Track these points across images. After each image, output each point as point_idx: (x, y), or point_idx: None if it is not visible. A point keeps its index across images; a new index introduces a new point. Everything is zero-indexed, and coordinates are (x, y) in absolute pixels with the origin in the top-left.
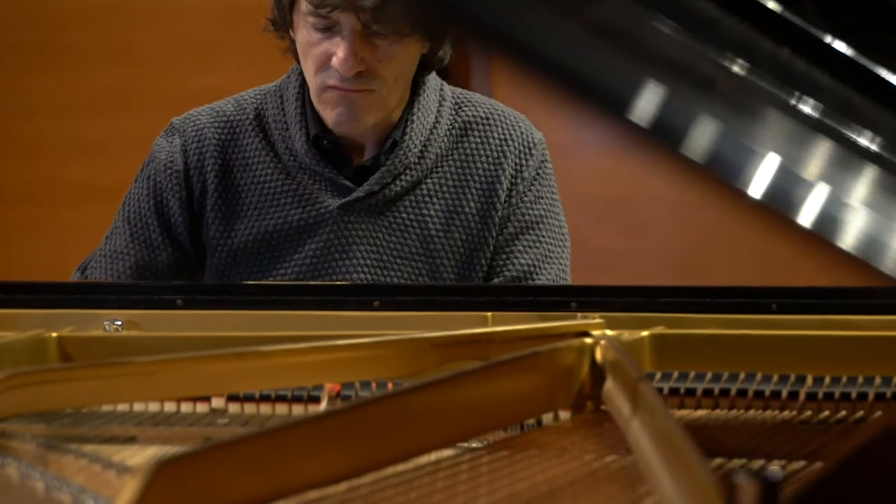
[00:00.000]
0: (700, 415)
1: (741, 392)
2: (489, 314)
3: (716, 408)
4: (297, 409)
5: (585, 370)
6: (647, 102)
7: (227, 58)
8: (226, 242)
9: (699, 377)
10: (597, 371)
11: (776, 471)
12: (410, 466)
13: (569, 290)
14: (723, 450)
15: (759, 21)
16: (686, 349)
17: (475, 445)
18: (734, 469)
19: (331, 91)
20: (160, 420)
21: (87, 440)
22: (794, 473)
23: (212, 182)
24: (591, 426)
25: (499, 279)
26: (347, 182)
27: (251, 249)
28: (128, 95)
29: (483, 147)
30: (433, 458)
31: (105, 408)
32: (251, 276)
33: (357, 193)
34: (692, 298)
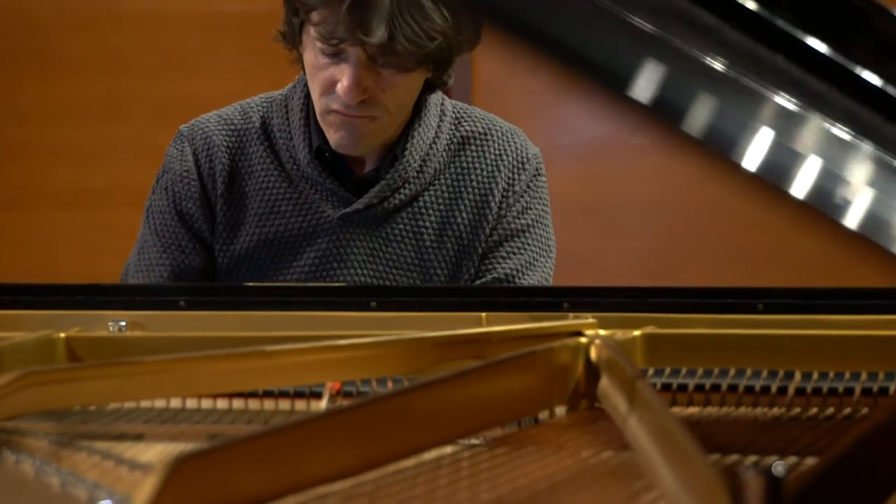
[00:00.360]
0: (692, 412)
1: (732, 388)
2: (483, 314)
3: (707, 405)
4: (300, 405)
5: (580, 369)
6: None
7: (213, 66)
8: (229, 248)
9: (690, 374)
10: (591, 369)
11: (780, 465)
12: (413, 463)
13: (561, 291)
14: (717, 446)
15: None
16: (677, 348)
17: (475, 442)
18: (736, 464)
19: (334, 114)
20: (167, 417)
21: (98, 437)
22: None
23: (220, 187)
24: (587, 423)
25: (481, 282)
26: (348, 193)
27: (252, 255)
28: (116, 102)
29: (478, 162)
30: (435, 455)
31: (112, 406)
32: (252, 282)
33: (356, 206)
34: (681, 299)
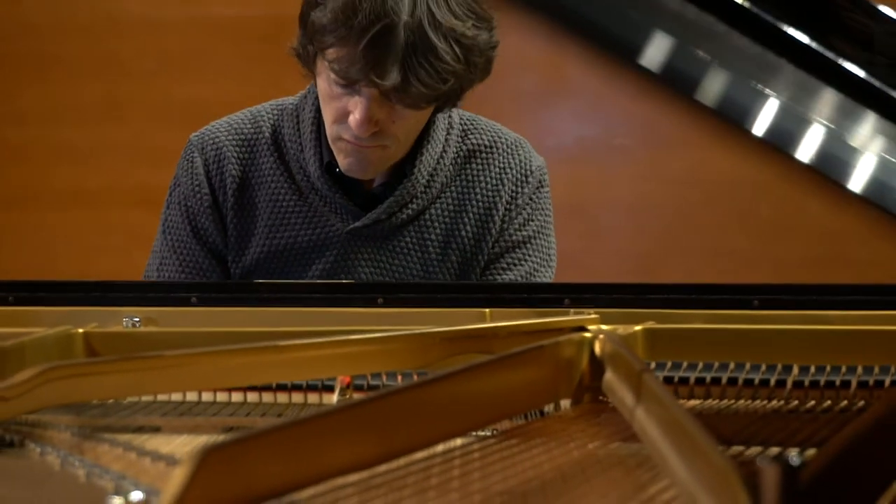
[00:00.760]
0: (693, 404)
1: (731, 381)
2: (487, 310)
3: (707, 397)
4: (312, 398)
5: (585, 362)
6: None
7: (208, 69)
8: (240, 259)
9: (691, 368)
10: (595, 363)
11: (795, 456)
12: (426, 455)
13: (561, 288)
14: (720, 438)
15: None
16: (676, 343)
17: (485, 434)
18: (739, 455)
19: (344, 142)
20: (184, 410)
21: (119, 430)
22: None
23: (230, 199)
24: (592, 415)
25: None
26: (356, 208)
27: (262, 266)
28: (113, 104)
29: (483, 175)
30: (447, 448)
31: (129, 399)
32: None
33: (365, 220)
34: (679, 295)
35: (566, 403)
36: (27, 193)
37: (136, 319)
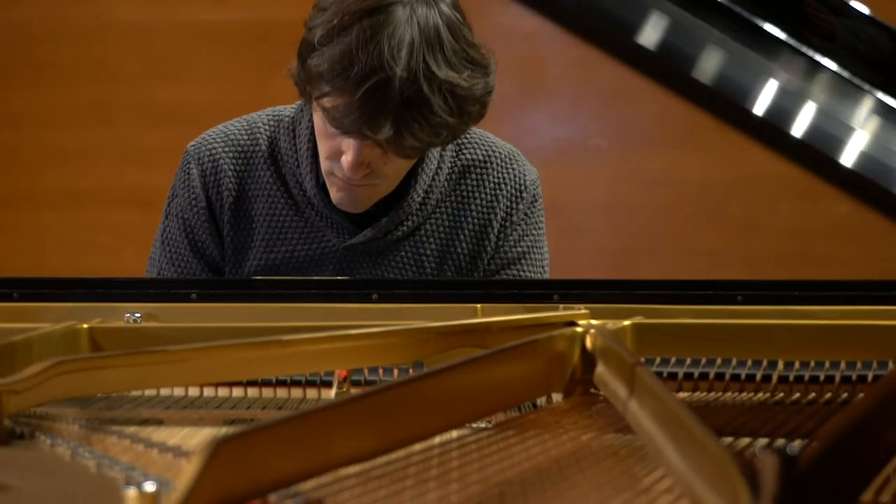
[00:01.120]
0: (682, 397)
1: (719, 376)
2: (478, 306)
3: (695, 390)
4: (311, 393)
5: (577, 356)
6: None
7: (195, 73)
8: (237, 272)
9: (679, 362)
10: (587, 357)
11: (793, 445)
12: (425, 446)
13: (551, 284)
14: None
15: None
16: (665, 337)
17: (481, 426)
18: (732, 446)
19: (336, 178)
20: (186, 404)
21: (125, 423)
22: None
23: (227, 212)
24: (584, 408)
25: None
26: (352, 224)
27: None
28: (103, 107)
29: (478, 190)
30: (445, 439)
31: (133, 393)
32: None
33: (360, 238)
34: (665, 291)
35: (558, 396)
36: (20, 194)
37: (138, 315)
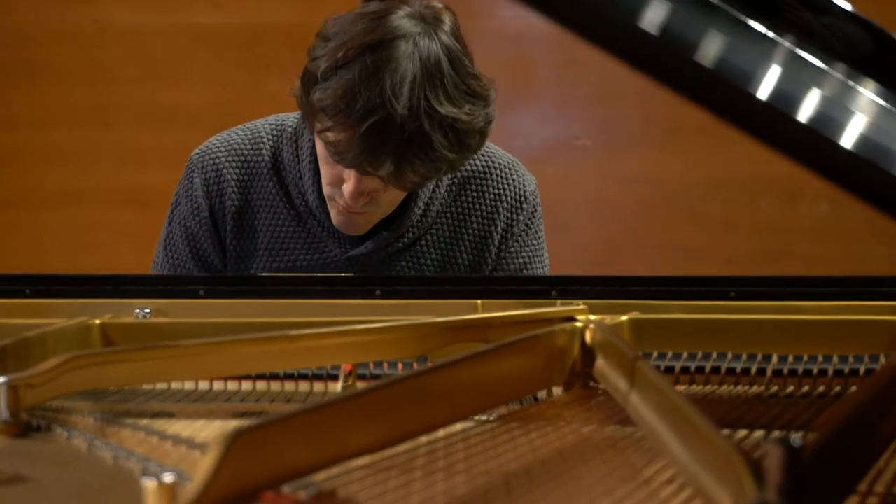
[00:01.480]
0: (679, 390)
1: (715, 370)
2: (479, 301)
3: (692, 384)
4: (318, 386)
5: (577, 350)
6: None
7: (191, 75)
8: None
9: (676, 356)
10: (586, 351)
11: (797, 437)
12: (431, 439)
13: (549, 280)
14: None
15: None
16: (661, 332)
17: (485, 419)
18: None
19: (336, 202)
20: (196, 397)
21: (138, 415)
22: None
23: (230, 222)
24: (584, 401)
25: None
26: (354, 235)
27: None
28: (100, 109)
29: (478, 202)
30: (449, 432)
31: (145, 387)
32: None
33: (361, 249)
34: (660, 287)
35: (558, 390)
36: (20, 194)
37: (147, 311)
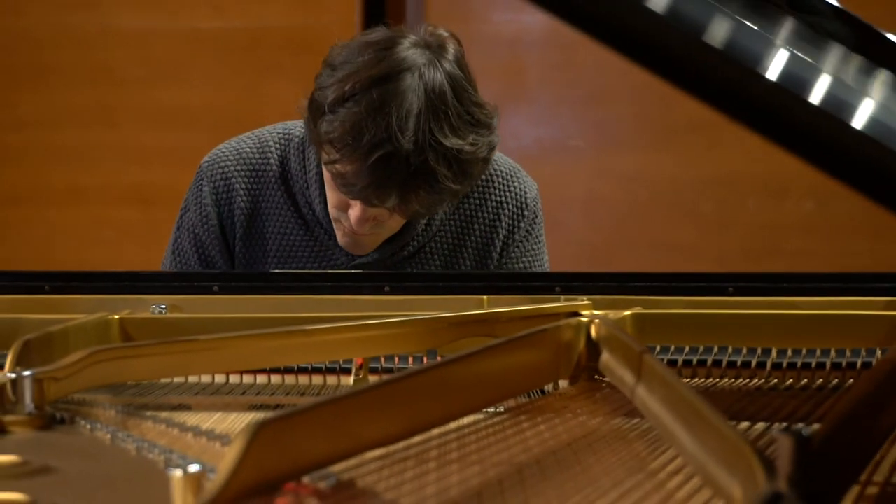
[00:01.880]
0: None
1: (716, 363)
2: (485, 297)
3: (694, 377)
4: (331, 380)
5: (582, 345)
6: None
7: (192, 77)
8: None
9: (678, 350)
10: (591, 345)
11: (807, 428)
12: (442, 431)
13: (553, 277)
14: None
15: None
16: (663, 327)
17: (495, 411)
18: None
19: (342, 224)
20: (212, 391)
21: (158, 408)
22: None
23: (239, 230)
24: (589, 393)
25: None
26: None
27: None
28: (105, 109)
29: (480, 210)
30: (460, 424)
31: (162, 381)
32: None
33: (367, 258)
34: (661, 283)
35: (564, 383)
36: (27, 192)
37: (163, 307)
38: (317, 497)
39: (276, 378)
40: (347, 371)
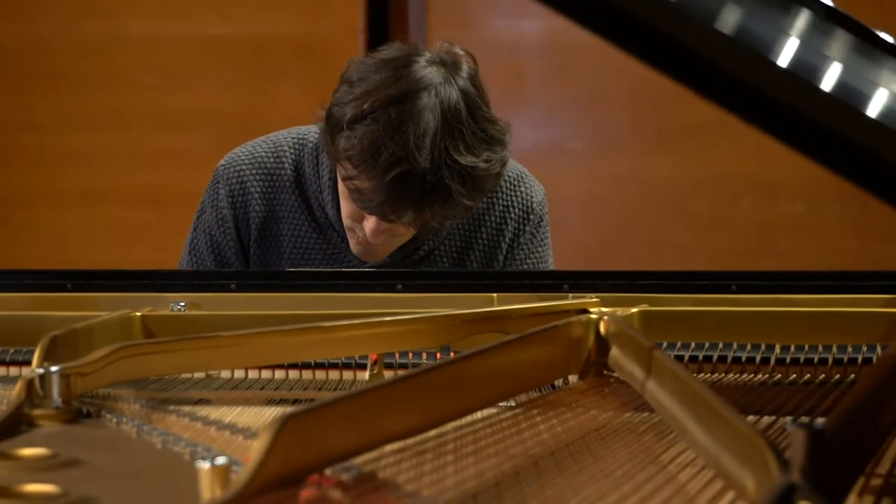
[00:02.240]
0: None
1: (721, 359)
2: (495, 295)
3: (700, 372)
4: (347, 375)
5: (592, 341)
6: None
7: (202, 82)
8: None
9: (684, 346)
10: (601, 341)
11: (819, 421)
12: (456, 425)
13: (561, 275)
14: None
15: None
16: (669, 323)
17: (508, 405)
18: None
19: (356, 233)
20: (232, 386)
21: (181, 403)
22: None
23: (254, 233)
24: (598, 388)
25: None
26: None
27: None
28: (118, 113)
29: (488, 214)
30: (474, 418)
31: (183, 376)
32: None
33: (380, 263)
34: (666, 281)
35: (574, 378)
36: (41, 194)
37: (182, 304)
38: (339, 488)
39: (294, 373)
40: (363, 366)
